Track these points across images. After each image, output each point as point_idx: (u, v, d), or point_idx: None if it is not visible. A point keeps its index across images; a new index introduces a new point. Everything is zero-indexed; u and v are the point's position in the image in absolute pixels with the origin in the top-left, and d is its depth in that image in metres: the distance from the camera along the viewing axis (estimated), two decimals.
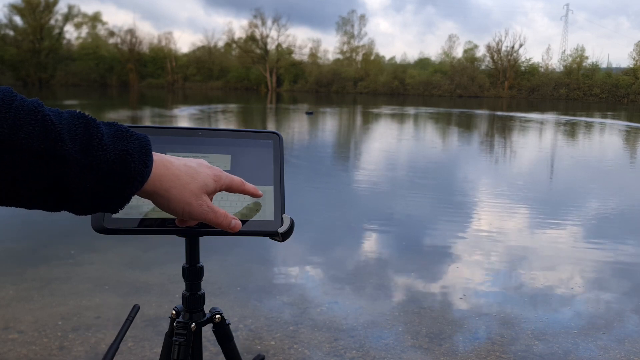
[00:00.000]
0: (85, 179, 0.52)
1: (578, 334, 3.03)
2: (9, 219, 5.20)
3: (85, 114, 0.54)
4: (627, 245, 4.91)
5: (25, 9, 54.42)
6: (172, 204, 0.62)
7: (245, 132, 0.88)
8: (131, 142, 0.56)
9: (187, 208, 0.63)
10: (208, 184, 0.65)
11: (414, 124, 20.98)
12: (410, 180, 8.40)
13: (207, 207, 0.65)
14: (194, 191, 0.63)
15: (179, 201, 0.62)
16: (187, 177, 0.62)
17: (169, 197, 0.61)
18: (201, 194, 0.64)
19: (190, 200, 0.63)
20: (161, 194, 0.60)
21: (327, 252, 4.47)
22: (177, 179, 0.61)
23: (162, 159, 0.61)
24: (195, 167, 0.64)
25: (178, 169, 0.62)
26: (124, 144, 0.55)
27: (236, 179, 0.72)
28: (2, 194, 0.49)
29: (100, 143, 0.53)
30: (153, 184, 0.59)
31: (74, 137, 0.51)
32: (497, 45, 57.18)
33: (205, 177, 0.65)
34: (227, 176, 0.70)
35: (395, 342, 2.87)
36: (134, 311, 0.85)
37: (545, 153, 12.44)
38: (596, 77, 52.34)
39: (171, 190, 0.61)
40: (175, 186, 0.61)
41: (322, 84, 58.48)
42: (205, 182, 0.65)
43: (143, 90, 51.52)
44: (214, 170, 0.67)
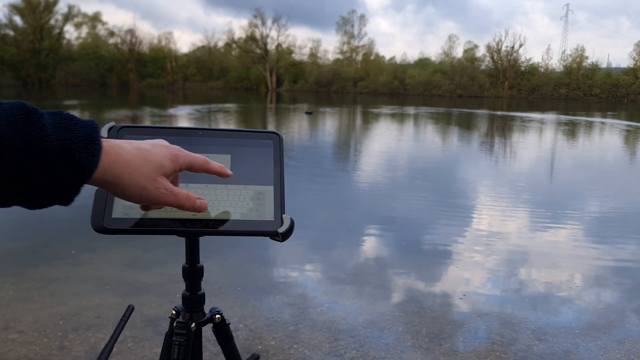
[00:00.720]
0: (28, 172, 0.50)
1: (578, 334, 3.03)
2: (9, 219, 5.20)
3: (26, 104, 0.52)
4: (629, 245, 4.91)
5: (25, 9, 54.45)
6: (127, 190, 0.60)
7: (245, 132, 0.88)
8: (76, 131, 0.53)
9: (143, 193, 0.61)
10: (164, 165, 0.62)
11: (414, 124, 20.98)
12: (411, 180, 8.40)
13: (165, 190, 0.63)
14: (148, 175, 0.60)
15: (133, 187, 0.60)
16: (139, 160, 0.60)
17: (122, 184, 0.59)
18: (157, 177, 0.61)
19: (145, 184, 0.60)
20: (113, 182, 0.58)
21: (327, 252, 4.47)
22: (128, 165, 0.58)
23: (111, 145, 0.58)
24: (148, 149, 0.61)
25: (129, 153, 0.59)
26: (68, 133, 0.53)
27: (199, 158, 0.68)
28: None
29: (42, 133, 0.51)
30: (103, 172, 0.56)
31: (14, 128, 0.49)
32: (497, 45, 57.22)
33: (161, 158, 0.62)
34: (188, 154, 0.67)
35: (395, 342, 2.87)
36: (129, 311, 0.84)
37: (548, 152, 12.44)
38: (596, 77, 52.36)
39: (123, 176, 0.58)
40: (127, 172, 0.58)
41: (322, 84, 58.50)
42: (161, 164, 0.62)
43: (143, 90, 51.52)
44: (171, 149, 0.64)
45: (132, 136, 0.83)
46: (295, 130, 16.56)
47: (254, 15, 67.67)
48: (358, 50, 62.95)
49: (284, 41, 64.56)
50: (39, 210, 0.55)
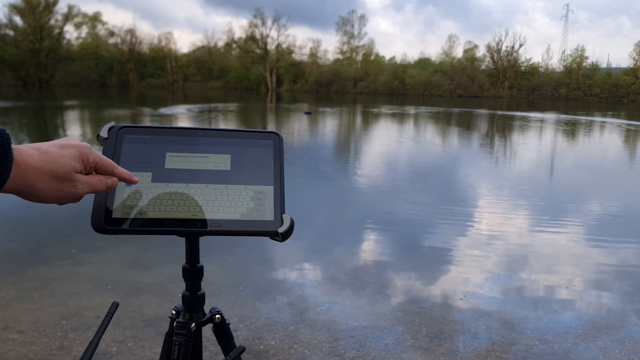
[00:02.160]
0: None
1: (579, 334, 3.03)
2: (9, 219, 5.20)
3: None
4: (630, 245, 4.91)
5: (25, 9, 54.43)
6: (41, 196, 0.60)
7: (245, 132, 0.88)
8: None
9: (60, 194, 0.62)
10: (75, 166, 0.63)
11: (414, 124, 20.98)
12: (412, 180, 8.40)
13: (82, 185, 0.64)
14: (62, 176, 0.61)
15: (48, 191, 0.60)
16: (50, 165, 0.60)
17: (35, 191, 0.59)
18: (71, 176, 0.62)
19: (60, 186, 0.61)
20: (25, 191, 0.58)
21: (327, 252, 4.47)
22: (39, 172, 0.58)
23: (21, 154, 0.57)
24: (57, 152, 0.62)
25: (38, 160, 0.59)
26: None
27: (106, 161, 0.69)
28: None
29: None
30: (15, 182, 0.56)
31: None
32: (497, 45, 57.19)
33: (70, 159, 0.62)
34: (97, 155, 0.67)
35: (395, 342, 2.87)
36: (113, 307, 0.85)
37: (550, 152, 12.44)
38: (596, 77, 52.35)
39: (35, 184, 0.59)
40: (39, 179, 0.59)
41: (322, 84, 58.49)
42: (71, 165, 0.62)
43: (143, 90, 51.51)
44: (80, 148, 0.65)
45: (132, 136, 0.83)
46: (292, 130, 16.55)
47: (254, 15, 67.65)
48: (358, 50, 62.94)
49: (284, 41, 64.62)
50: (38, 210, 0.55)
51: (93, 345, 0.79)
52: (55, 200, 0.62)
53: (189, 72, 61.04)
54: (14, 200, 6.07)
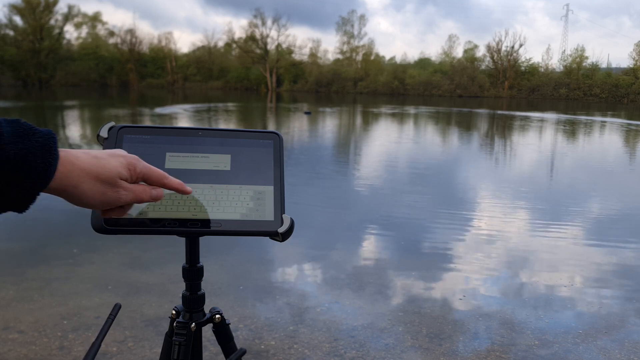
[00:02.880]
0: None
1: (579, 334, 3.03)
2: (9, 219, 5.20)
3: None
4: (631, 245, 4.91)
5: (25, 9, 54.44)
6: (85, 198, 0.61)
7: (245, 132, 0.88)
8: (33, 141, 0.54)
9: (103, 198, 0.62)
10: (121, 172, 0.64)
11: (414, 124, 20.98)
12: (414, 180, 8.40)
13: (124, 191, 0.64)
14: (107, 180, 0.62)
15: (92, 194, 0.61)
16: (96, 168, 0.61)
17: (80, 192, 0.60)
18: (116, 181, 0.63)
19: (104, 189, 0.62)
20: (70, 191, 0.59)
21: (327, 252, 4.47)
22: (85, 173, 0.60)
23: (67, 155, 0.59)
24: (105, 158, 0.63)
25: (85, 162, 0.60)
26: (25, 143, 0.54)
27: (156, 171, 0.69)
28: None
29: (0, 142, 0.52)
30: (60, 181, 0.57)
31: None
32: (497, 45, 57.20)
33: (117, 166, 0.63)
34: (145, 166, 0.68)
35: (395, 342, 2.87)
36: (116, 309, 0.84)
37: (553, 152, 12.44)
38: (596, 77, 52.36)
39: (80, 185, 0.60)
40: (84, 180, 0.60)
41: (322, 84, 58.49)
42: (118, 171, 0.63)
43: (143, 90, 51.52)
44: (127, 158, 0.66)
45: (132, 136, 0.83)
46: (291, 130, 16.55)
47: (254, 15, 67.68)
48: (358, 50, 62.96)
49: (284, 41, 64.63)
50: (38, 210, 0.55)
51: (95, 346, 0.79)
52: (98, 205, 0.63)
53: (189, 72, 61.05)
54: None
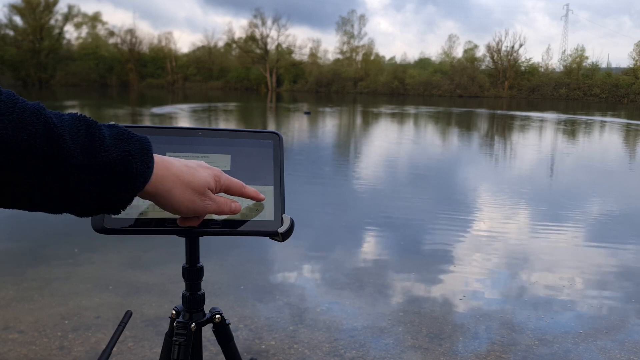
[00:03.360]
0: (87, 181, 0.52)
1: (579, 334, 3.03)
2: (9, 219, 5.20)
3: (86, 116, 0.55)
4: (631, 245, 4.91)
5: (25, 9, 54.45)
6: (176, 204, 0.63)
7: (245, 132, 0.88)
8: (132, 144, 0.56)
9: (191, 206, 0.65)
10: (209, 182, 0.67)
11: (414, 124, 20.98)
12: (413, 180, 8.40)
13: (210, 201, 0.67)
14: (197, 189, 0.64)
15: (182, 200, 0.63)
16: (188, 176, 0.63)
17: (171, 197, 0.62)
18: (205, 191, 0.66)
19: (194, 197, 0.64)
20: (163, 195, 0.61)
21: (326, 252, 4.47)
22: (178, 179, 0.62)
23: (162, 160, 0.61)
24: (195, 167, 0.66)
25: (179, 169, 0.63)
26: (126, 146, 0.56)
27: (235, 182, 0.72)
28: (5, 196, 0.50)
29: (102, 145, 0.53)
30: (155, 185, 0.59)
31: (76, 139, 0.51)
32: (497, 45, 57.23)
33: (207, 177, 0.66)
34: (227, 178, 0.71)
35: (395, 342, 2.87)
36: (127, 317, 0.84)
37: (554, 152, 12.44)
38: (596, 77, 52.38)
39: (173, 190, 0.62)
40: (177, 186, 0.62)
41: (322, 84, 58.50)
42: (207, 180, 0.66)
43: (143, 90, 51.52)
44: (214, 170, 0.69)
45: None
46: (289, 130, 16.55)
47: (254, 15, 67.67)
48: (358, 50, 62.97)
49: (284, 41, 64.63)
50: None
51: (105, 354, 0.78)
52: (185, 211, 0.65)
53: (189, 72, 61.06)
54: None
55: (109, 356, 0.79)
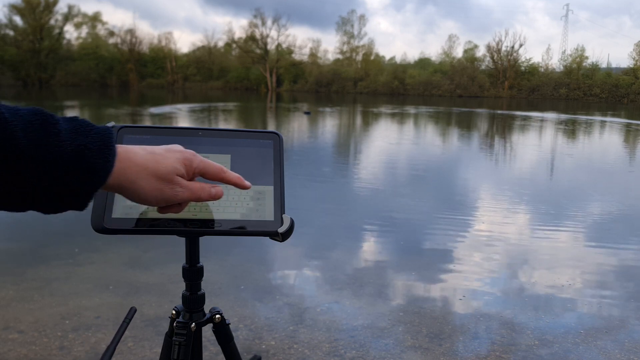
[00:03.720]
0: (42, 177, 0.51)
1: (579, 334, 3.03)
2: (9, 219, 5.20)
3: (44, 110, 0.53)
4: (632, 246, 4.91)
5: (25, 9, 54.46)
6: (142, 194, 0.61)
7: (245, 132, 0.88)
8: (91, 137, 0.54)
9: (160, 195, 0.62)
10: (177, 168, 0.63)
11: (414, 123, 20.97)
12: (414, 180, 8.39)
13: (181, 188, 0.63)
14: (164, 176, 0.61)
15: (149, 190, 0.60)
16: (153, 164, 0.60)
17: (136, 188, 0.60)
18: (172, 177, 0.62)
19: (161, 186, 0.61)
20: (127, 187, 0.59)
21: (326, 253, 4.47)
22: (142, 169, 0.59)
23: (125, 151, 0.59)
24: (161, 154, 0.62)
25: (143, 158, 0.60)
26: (83, 139, 0.53)
27: (213, 166, 0.68)
28: None
29: (57, 139, 0.51)
30: (117, 177, 0.57)
31: (28, 134, 0.49)
32: (497, 45, 57.24)
33: (174, 162, 0.63)
34: (202, 162, 0.67)
35: (395, 342, 2.87)
36: (131, 313, 0.84)
37: (554, 152, 12.44)
38: (596, 77, 52.39)
39: (138, 181, 0.59)
40: (141, 176, 0.59)
41: (322, 84, 58.50)
42: (174, 167, 0.62)
43: (143, 90, 51.52)
44: (185, 154, 0.65)
45: (132, 136, 0.82)
46: (287, 130, 16.55)
47: (254, 15, 67.68)
48: (358, 50, 62.98)
49: (284, 41, 64.65)
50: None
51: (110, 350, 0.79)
52: (154, 201, 0.62)
53: (189, 72, 61.06)
54: None
55: (113, 352, 0.79)
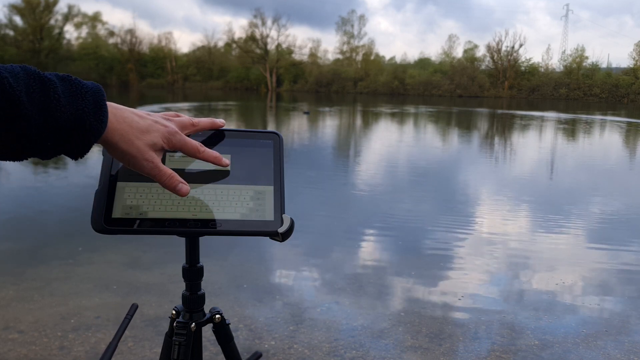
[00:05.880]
0: (45, 138, 0.55)
1: (579, 334, 3.03)
2: (9, 219, 5.21)
3: (38, 72, 0.56)
4: (632, 247, 4.91)
5: (25, 9, 54.48)
6: (119, 154, 0.66)
7: (245, 132, 0.88)
8: (86, 99, 0.58)
9: (131, 161, 0.66)
10: (156, 143, 0.67)
11: (414, 123, 20.98)
12: (414, 180, 8.39)
13: (152, 164, 0.67)
14: (140, 147, 0.65)
15: (125, 154, 0.65)
16: (136, 132, 0.65)
17: (116, 148, 0.64)
18: (147, 150, 0.66)
19: (136, 154, 0.65)
20: (110, 145, 0.64)
21: (327, 252, 4.47)
22: (125, 134, 0.64)
23: (116, 114, 0.63)
24: (146, 126, 0.67)
25: (129, 125, 0.65)
26: (80, 103, 0.58)
27: (190, 143, 0.72)
28: None
29: (58, 104, 0.55)
30: (105, 135, 0.62)
31: (32, 99, 0.53)
32: (497, 45, 57.27)
33: (155, 136, 0.67)
34: (182, 139, 0.71)
35: (395, 342, 2.87)
36: (133, 309, 0.84)
37: (555, 151, 12.44)
38: (596, 77, 52.42)
39: (118, 143, 0.64)
40: (123, 140, 0.64)
41: (322, 84, 58.53)
42: (154, 141, 0.67)
43: (143, 90, 51.51)
44: (168, 129, 0.69)
45: None
46: (285, 129, 16.55)
47: (254, 15, 67.71)
48: (358, 50, 63.01)
49: (284, 41, 64.70)
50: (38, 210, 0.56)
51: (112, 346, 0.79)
52: (126, 163, 0.67)
53: (189, 72, 61.09)
54: (14, 200, 6.07)
55: (115, 348, 0.79)
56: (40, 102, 0.54)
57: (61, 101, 0.55)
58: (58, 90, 0.56)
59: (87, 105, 0.58)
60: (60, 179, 7.80)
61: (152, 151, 0.67)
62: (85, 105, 0.58)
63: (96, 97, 0.60)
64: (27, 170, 8.05)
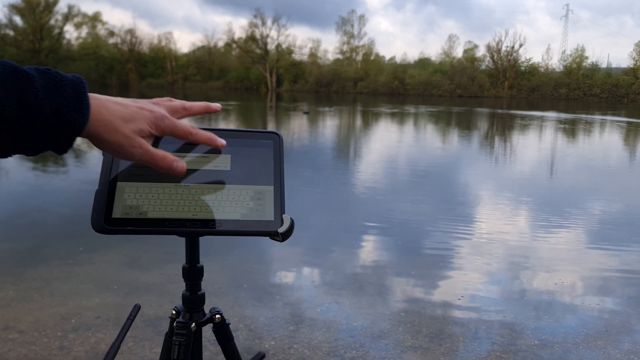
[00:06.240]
0: (25, 133, 0.54)
1: (579, 334, 3.03)
2: (9, 219, 5.20)
3: (16, 65, 0.54)
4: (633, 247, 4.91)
5: (25, 9, 54.52)
6: (105, 146, 0.64)
7: (245, 132, 0.88)
8: (65, 92, 0.57)
9: (120, 150, 0.64)
10: (143, 129, 0.65)
11: (414, 123, 20.97)
12: (415, 180, 8.39)
13: (142, 149, 0.65)
14: (126, 134, 0.63)
15: (111, 144, 0.63)
16: (120, 120, 0.63)
17: (101, 140, 0.62)
18: (134, 137, 0.64)
19: (123, 142, 0.63)
20: (95, 137, 0.62)
21: (326, 252, 4.47)
22: (109, 124, 0.62)
23: (98, 105, 0.61)
24: (130, 114, 0.65)
25: (112, 114, 0.62)
26: (59, 96, 0.56)
27: (181, 127, 0.70)
28: None
29: (36, 98, 0.54)
30: (89, 128, 0.60)
31: (9, 94, 0.52)
32: (497, 45, 57.29)
33: (141, 123, 0.65)
34: (171, 123, 0.69)
35: (395, 342, 2.87)
36: (135, 310, 0.84)
37: (556, 151, 12.44)
38: (596, 77, 52.44)
39: (103, 134, 0.62)
40: (107, 131, 0.62)
41: (322, 84, 58.55)
42: (140, 128, 0.65)
43: (143, 90, 51.50)
44: (155, 114, 0.67)
45: None
46: (286, 129, 16.55)
47: (254, 15, 67.74)
48: (358, 50, 63.03)
49: (284, 41, 64.72)
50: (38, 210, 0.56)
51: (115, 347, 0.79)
52: (115, 154, 0.66)
53: (189, 72, 61.11)
54: (14, 200, 6.07)
55: (118, 349, 0.79)
56: (17, 97, 0.52)
57: (39, 94, 0.54)
58: (36, 84, 0.54)
59: (67, 98, 0.56)
60: (61, 179, 7.80)
61: (139, 137, 0.65)
62: (65, 98, 0.56)
63: (77, 89, 0.58)
64: (27, 170, 8.05)
